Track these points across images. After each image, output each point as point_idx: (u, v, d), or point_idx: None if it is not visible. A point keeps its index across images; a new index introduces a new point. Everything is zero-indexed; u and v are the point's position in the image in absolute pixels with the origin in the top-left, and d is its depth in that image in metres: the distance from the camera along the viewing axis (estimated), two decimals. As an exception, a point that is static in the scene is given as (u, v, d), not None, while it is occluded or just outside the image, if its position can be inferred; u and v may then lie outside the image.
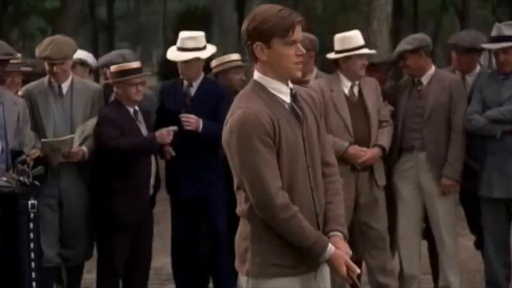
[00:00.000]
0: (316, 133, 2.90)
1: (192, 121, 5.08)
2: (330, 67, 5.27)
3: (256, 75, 2.85)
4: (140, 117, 5.00)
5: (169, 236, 5.42)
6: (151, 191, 5.03)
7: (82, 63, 5.61)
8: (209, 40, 5.62)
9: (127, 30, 29.80)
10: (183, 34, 5.30)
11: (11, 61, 4.67)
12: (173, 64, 5.34)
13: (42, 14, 21.20)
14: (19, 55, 5.11)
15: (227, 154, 2.81)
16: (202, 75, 5.30)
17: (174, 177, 5.23)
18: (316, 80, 5.23)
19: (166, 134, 4.89)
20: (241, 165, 2.75)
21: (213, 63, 5.67)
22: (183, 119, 5.09)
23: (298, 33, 2.80)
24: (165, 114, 5.22)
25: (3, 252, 4.42)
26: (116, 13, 24.55)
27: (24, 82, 5.33)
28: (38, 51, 4.91)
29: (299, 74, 2.84)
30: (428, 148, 5.05)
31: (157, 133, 4.89)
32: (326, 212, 2.89)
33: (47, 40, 5.03)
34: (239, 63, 5.68)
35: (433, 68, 5.17)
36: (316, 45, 5.35)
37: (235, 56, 5.75)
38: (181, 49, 5.22)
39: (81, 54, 5.59)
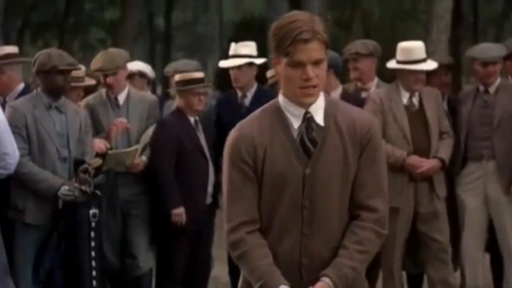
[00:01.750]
0: (339, 170, 2.40)
1: None
2: (387, 74, 5.23)
3: (280, 91, 2.48)
4: (200, 127, 5.05)
5: (225, 245, 5.42)
6: (209, 200, 5.06)
7: (141, 74, 5.69)
8: (265, 49, 5.65)
9: (184, 40, 30.11)
10: (234, 44, 5.36)
11: (74, 74, 4.77)
12: (229, 74, 5.38)
13: (102, 25, 21.61)
14: (83, 67, 5.21)
15: None
16: (255, 85, 5.31)
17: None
18: (376, 89, 5.21)
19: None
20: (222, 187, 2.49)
21: (269, 73, 5.70)
22: None
23: (304, 54, 2.33)
24: (223, 127, 5.25)
25: (66, 260, 4.50)
26: (174, 23, 24.85)
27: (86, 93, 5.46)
28: (92, 65, 5.02)
29: (307, 100, 2.38)
30: (497, 157, 4.94)
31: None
32: (336, 256, 2.42)
33: (100, 53, 5.14)
34: None
35: (499, 77, 5.09)
36: (378, 51, 5.33)
37: None
38: (234, 56, 5.27)
39: (140, 65, 5.67)
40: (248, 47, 5.31)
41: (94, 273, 4.38)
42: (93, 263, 4.38)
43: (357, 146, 2.42)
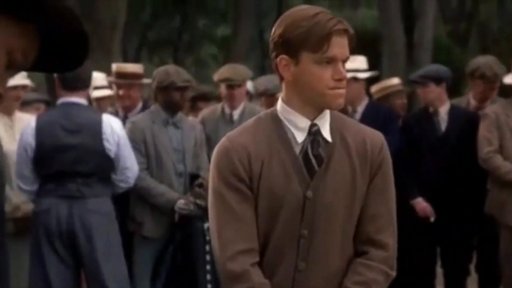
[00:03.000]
0: (346, 195, 2.06)
1: None
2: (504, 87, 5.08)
3: (280, 99, 2.13)
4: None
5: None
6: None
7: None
8: (377, 63, 5.61)
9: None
10: None
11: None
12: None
13: (214, 41, 22.08)
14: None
15: None
16: (366, 100, 5.25)
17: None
18: (492, 105, 5.06)
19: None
20: (209, 208, 2.11)
21: (373, 88, 5.65)
22: None
23: (339, 48, 2.00)
24: None
25: (182, 273, 4.59)
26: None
27: (193, 108, 5.62)
28: (217, 75, 5.09)
29: (338, 103, 2.03)
30: None
31: None
32: None
33: (225, 66, 5.27)
34: (400, 87, 5.66)
35: None
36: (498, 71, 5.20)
37: (396, 81, 5.72)
38: None
39: None
40: (356, 61, 5.25)
41: (209, 286, 4.44)
42: (208, 276, 4.44)
43: (367, 168, 2.08)
